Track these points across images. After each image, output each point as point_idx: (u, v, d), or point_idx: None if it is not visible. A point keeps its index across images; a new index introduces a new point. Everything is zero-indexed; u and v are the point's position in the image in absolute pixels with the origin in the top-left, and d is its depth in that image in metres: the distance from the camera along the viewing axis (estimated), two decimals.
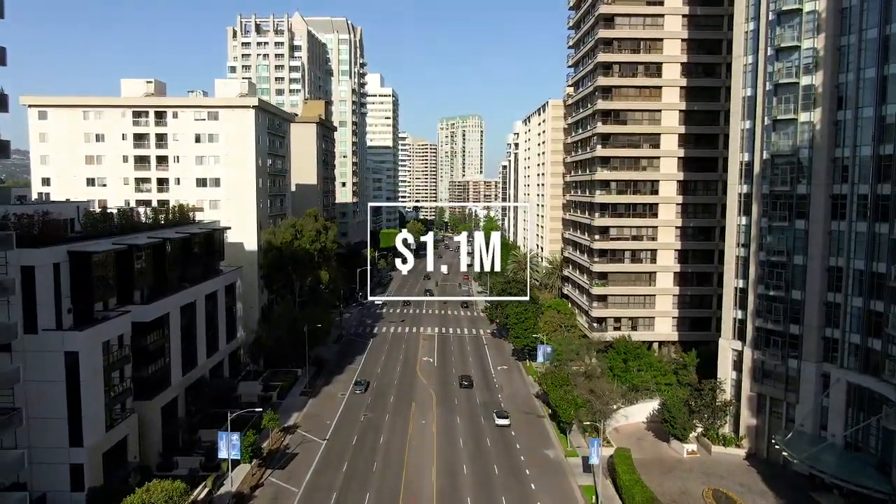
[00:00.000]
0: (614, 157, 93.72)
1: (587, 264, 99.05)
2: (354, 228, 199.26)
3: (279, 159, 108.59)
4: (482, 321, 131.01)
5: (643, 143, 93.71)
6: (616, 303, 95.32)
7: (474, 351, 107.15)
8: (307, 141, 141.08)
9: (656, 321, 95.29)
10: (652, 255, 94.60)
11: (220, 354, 79.85)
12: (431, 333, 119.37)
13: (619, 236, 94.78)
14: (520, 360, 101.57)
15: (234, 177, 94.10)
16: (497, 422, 75.79)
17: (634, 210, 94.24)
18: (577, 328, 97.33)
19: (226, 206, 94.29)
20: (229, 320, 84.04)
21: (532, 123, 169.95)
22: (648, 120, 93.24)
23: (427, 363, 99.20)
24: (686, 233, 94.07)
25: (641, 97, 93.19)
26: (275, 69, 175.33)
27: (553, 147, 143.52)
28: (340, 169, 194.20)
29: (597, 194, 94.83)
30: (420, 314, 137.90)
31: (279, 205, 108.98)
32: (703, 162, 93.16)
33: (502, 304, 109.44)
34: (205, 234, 78.08)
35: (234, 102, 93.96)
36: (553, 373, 76.32)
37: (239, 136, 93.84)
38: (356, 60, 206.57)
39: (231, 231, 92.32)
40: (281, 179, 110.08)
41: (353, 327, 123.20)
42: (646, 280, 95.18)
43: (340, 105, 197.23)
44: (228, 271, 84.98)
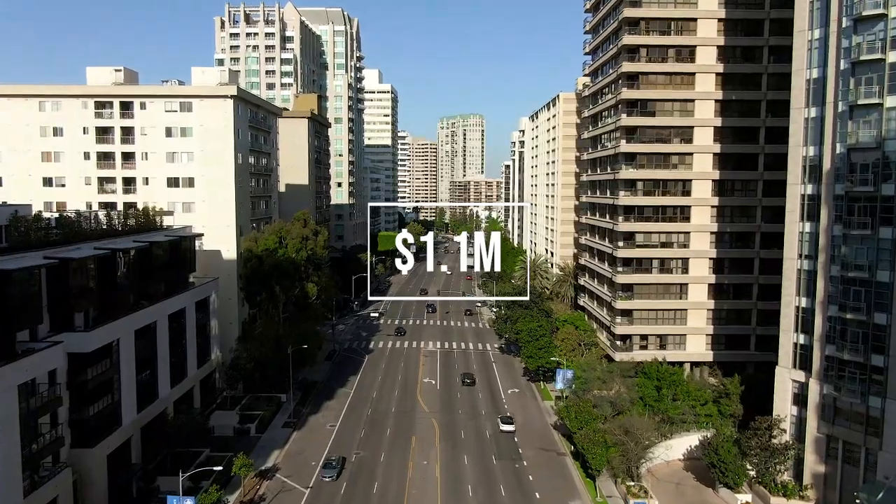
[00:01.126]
0: (641, 154, 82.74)
1: (609, 274, 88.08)
2: (351, 231, 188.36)
3: (263, 156, 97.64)
4: (488, 334, 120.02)
5: (673, 138, 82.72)
6: (643, 318, 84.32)
7: (481, 370, 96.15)
8: (298, 138, 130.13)
9: (688, 339, 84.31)
10: (683, 265, 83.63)
11: (188, 382, 68.93)
12: (433, 349, 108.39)
13: (647, 243, 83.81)
14: (532, 382, 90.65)
15: (211, 176, 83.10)
16: (502, 427, 72.46)
17: (663, 213, 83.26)
18: (597, 346, 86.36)
19: (201, 208, 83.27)
20: (201, 341, 73.18)
21: (540, 119, 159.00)
22: (680, 111, 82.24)
23: (429, 386, 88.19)
24: (722, 239, 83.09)
25: (672, 85, 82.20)
26: (265, 62, 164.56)
27: (565, 144, 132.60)
28: (336, 168, 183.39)
29: (620, 195, 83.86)
30: (421, 325, 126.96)
31: (264, 207, 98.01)
32: (742, 159, 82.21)
33: (512, 318, 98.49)
34: (170, 242, 67.20)
35: (209, 91, 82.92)
36: (577, 405, 65.32)
37: (215, 130, 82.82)
38: (352, 54, 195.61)
39: (207, 237, 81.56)
40: (266, 179, 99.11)
41: (347, 341, 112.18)
42: (676, 293, 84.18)
43: (336, 101, 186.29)
44: (201, 284, 74.15)
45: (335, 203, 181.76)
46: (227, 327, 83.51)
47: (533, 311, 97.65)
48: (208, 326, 75.43)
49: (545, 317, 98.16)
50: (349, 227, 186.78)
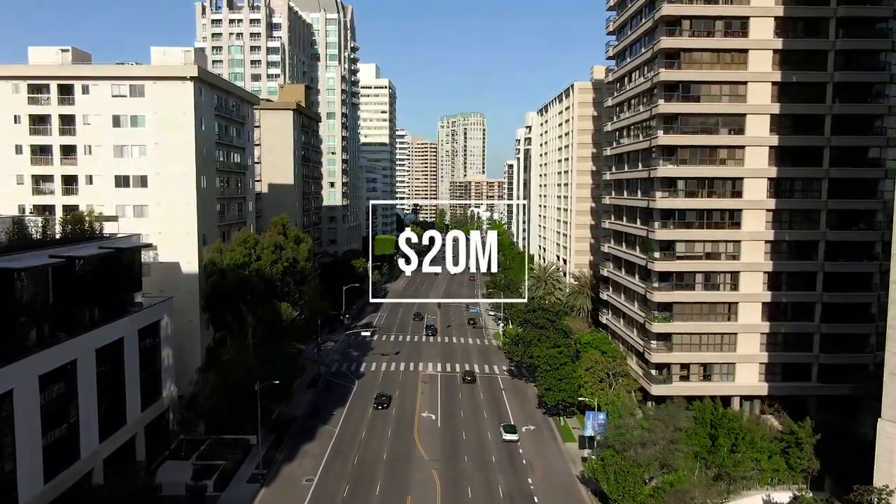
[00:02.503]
0: (682, 147, 69.21)
1: (641, 290, 74.46)
2: (345, 235, 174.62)
3: (235, 151, 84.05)
4: (495, 353, 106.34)
5: (721, 128, 69.19)
6: (684, 344, 70.72)
7: (489, 401, 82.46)
8: (282, 132, 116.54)
9: (738, 369, 70.71)
10: (732, 280, 70.08)
11: (128, 431, 55.29)
12: (433, 372, 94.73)
13: (688, 254, 70.23)
14: (550, 416, 77.04)
15: (167, 173, 69.56)
16: (504, 437, 68.74)
17: (709, 219, 69.71)
18: (629, 377, 72.74)
19: (155, 213, 69.73)
20: (149, 376, 59.59)
21: (550, 113, 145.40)
22: (729, 96, 68.72)
23: (428, 423, 74.52)
24: (779, 249, 69.59)
25: (720, 64, 68.65)
26: (250, 51, 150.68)
27: (580, 139, 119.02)
28: (328, 167, 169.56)
29: (657, 197, 70.30)
30: (419, 342, 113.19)
31: (237, 211, 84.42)
32: (803, 153, 68.75)
33: (525, 339, 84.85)
34: (105, 256, 53.59)
35: (163, 72, 69.28)
36: (616, 464, 51.68)
37: (172, 119, 69.27)
38: (346, 44, 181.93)
39: (163, 247, 68.29)
40: (239, 178, 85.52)
41: (335, 363, 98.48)
42: (724, 313, 70.62)
43: (328, 94, 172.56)
44: (150, 305, 60.61)
45: (328, 204, 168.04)
46: (187, 355, 69.98)
47: (549, 331, 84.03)
48: (159, 357, 61.86)
49: (563, 337, 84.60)
50: (343, 231, 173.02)
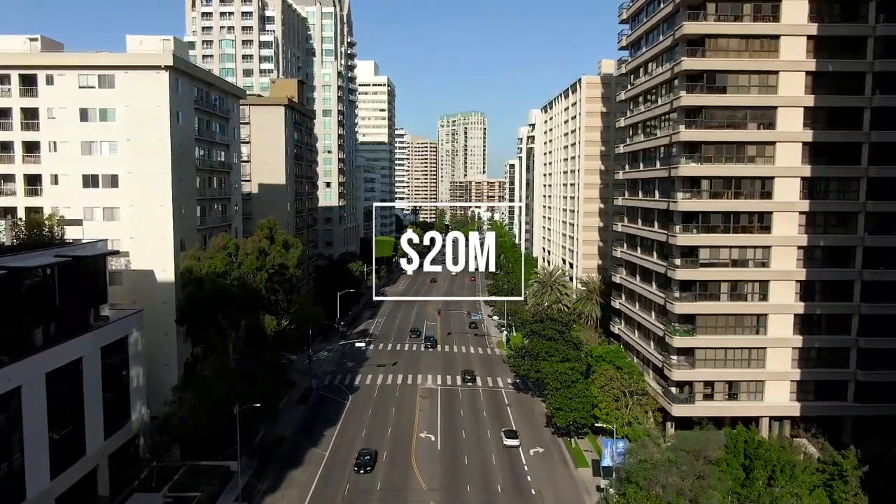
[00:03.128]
0: (706, 143, 62.95)
1: (660, 300, 68.21)
2: (341, 236, 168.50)
3: (219, 149, 77.84)
4: (498, 362, 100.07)
5: (750, 122, 62.97)
6: (708, 359, 64.47)
7: (494, 419, 76.11)
8: (272, 129, 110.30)
9: (767, 387, 64.46)
10: (761, 289, 63.83)
11: (87, 462, 48.99)
12: (433, 385, 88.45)
13: (713, 261, 63.96)
14: (559, 436, 70.86)
15: (140, 172, 63.41)
16: (505, 442, 66.92)
17: (735, 222, 63.44)
18: (647, 396, 66.42)
19: (127, 215, 63.58)
20: (114, 399, 53.36)
21: (555, 109, 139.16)
22: (758, 87, 62.47)
23: (427, 445, 68.26)
24: (812, 256, 63.36)
25: (748, 52, 62.41)
26: (241, 45, 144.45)
27: (588, 136, 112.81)
28: (324, 166, 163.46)
29: (678, 198, 64.05)
30: (418, 352, 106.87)
31: (220, 213, 78.21)
32: (840, 149, 62.56)
33: (532, 352, 78.59)
34: (61, 265, 47.37)
35: (135, 60, 63.05)
36: (640, 502, 45.42)
37: (146, 112, 63.10)
38: (343, 39, 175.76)
39: (136, 254, 62.20)
40: (223, 177, 79.30)
41: (327, 376, 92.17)
42: (752, 326, 64.40)
43: (324, 91, 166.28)
44: (118, 319, 54.38)
45: (324, 205, 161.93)
46: (162, 371, 63.91)
47: (558, 343, 77.79)
48: (127, 376, 55.56)
49: (574, 349, 78.36)
50: (339, 232, 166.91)
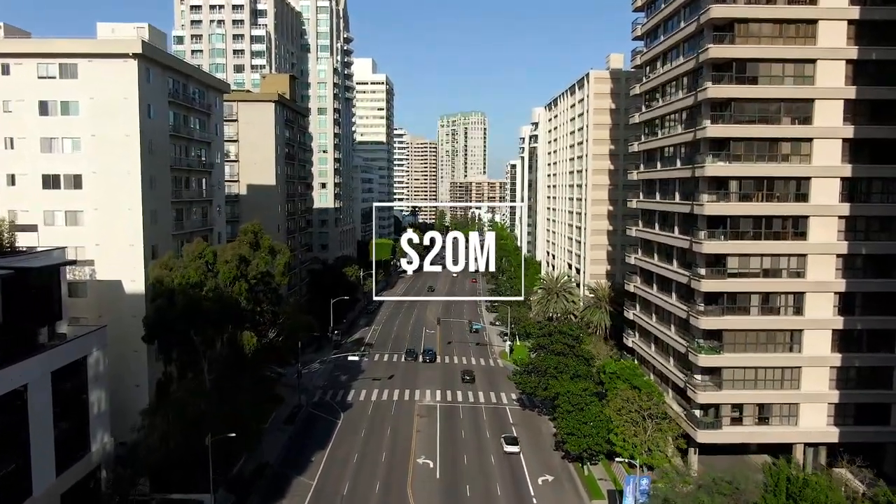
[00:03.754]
0: (735, 139, 56.68)
1: (682, 313, 61.90)
2: (337, 239, 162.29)
3: (199, 147, 71.56)
4: (502, 375, 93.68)
5: (784, 117, 56.73)
6: (736, 379, 58.16)
7: (497, 440, 69.71)
8: (262, 127, 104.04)
9: (801, 410, 58.16)
10: (796, 302, 57.58)
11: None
12: (431, 402, 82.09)
13: (743, 270, 57.68)
14: (569, 461, 64.51)
15: (107, 172, 57.16)
16: (505, 449, 65.23)
17: (768, 227, 57.18)
18: (668, 420, 60.07)
19: (92, 220, 57.31)
20: (69, 429, 46.95)
21: (561, 107, 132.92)
22: (793, 77, 56.22)
23: (424, 472, 61.89)
24: (853, 265, 57.11)
25: (782, 38, 56.17)
26: (232, 39, 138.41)
27: (596, 134, 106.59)
28: (319, 167, 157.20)
29: (703, 200, 57.76)
30: (416, 363, 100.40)
31: (200, 217, 71.90)
32: (885, 147, 56.30)
33: (540, 368, 72.33)
34: (2, 278, 41.09)
35: (100, 48, 56.76)
36: None
37: (112, 105, 56.82)
38: (339, 34, 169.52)
39: (101, 262, 55.96)
40: (204, 178, 73.02)
41: (318, 391, 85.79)
42: (785, 342, 58.12)
43: (319, 88, 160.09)
44: (76, 337, 48.09)
45: (319, 207, 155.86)
46: (131, 393, 57.65)
47: (569, 359, 71.60)
48: (85, 402, 49.11)
49: (584, 364, 72.19)
50: (335, 235, 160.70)
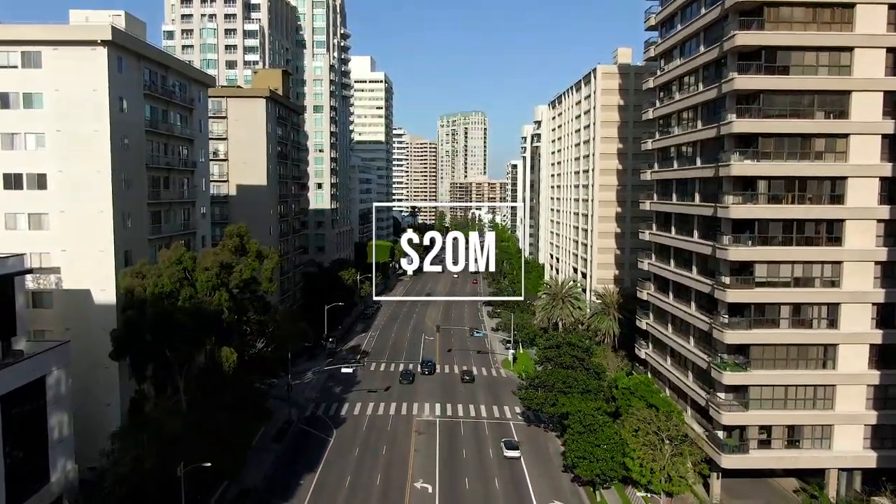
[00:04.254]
0: (764, 135, 51.64)
1: (704, 325, 56.84)
2: (334, 241, 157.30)
3: (179, 144, 66.55)
4: (504, 386, 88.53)
5: (817, 110, 51.72)
6: (764, 398, 53.13)
7: (502, 461, 64.65)
8: (252, 124, 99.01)
9: (836, 432, 53.12)
10: (830, 314, 52.56)
11: None
12: (430, 416, 76.98)
13: (772, 279, 52.64)
14: (580, 484, 59.39)
15: (74, 171, 52.15)
16: (506, 453, 63.95)
17: (799, 231, 52.15)
18: (689, 442, 55.01)
19: (58, 223, 52.28)
20: (27, 457, 41.88)
21: (565, 105, 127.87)
22: (828, 66, 51.23)
23: (423, 498, 56.76)
24: (893, 273, 52.07)
25: (816, 24, 51.18)
26: (224, 34, 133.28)
27: (604, 132, 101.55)
28: (315, 166, 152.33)
29: (728, 202, 52.72)
30: (414, 373, 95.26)
31: (182, 219, 66.88)
32: None
33: (548, 383, 67.30)
34: None
35: (63, 34, 51.74)
36: None
37: (81, 98, 51.83)
38: (336, 30, 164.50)
39: (70, 269, 50.86)
40: (186, 178, 68.02)
41: (310, 404, 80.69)
42: (818, 358, 53.09)
43: (315, 85, 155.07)
44: (32, 355, 43.04)
45: (315, 208, 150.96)
46: (101, 414, 52.63)
47: (577, 372, 66.57)
48: (44, 428, 44.12)
49: (595, 378, 67.19)
50: (331, 237, 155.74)
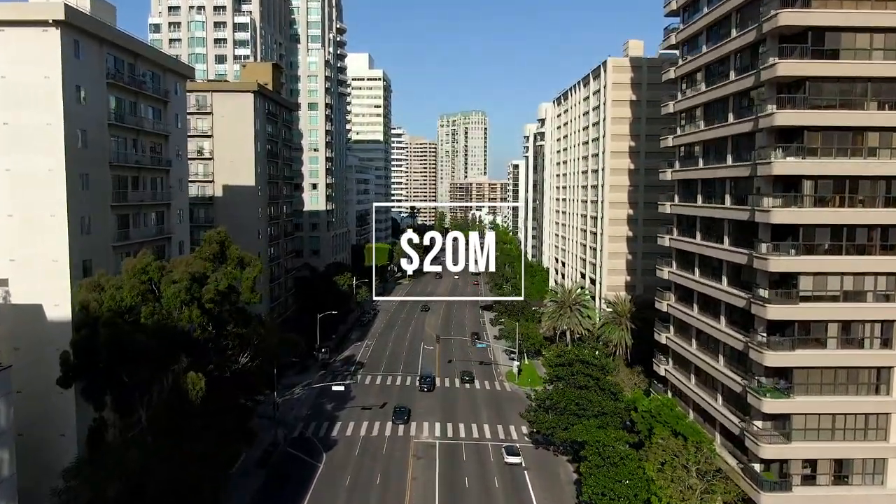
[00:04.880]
0: (811, 129, 45.28)
1: (739, 343, 50.44)
2: (329, 244, 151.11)
3: (151, 140, 60.23)
4: (509, 402, 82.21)
5: (871, 101, 45.39)
6: (809, 428, 46.76)
7: (508, 490, 58.16)
8: (239, 120, 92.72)
9: (890, 467, 46.77)
10: (884, 332, 46.22)
11: None
12: (429, 438, 70.57)
13: (818, 292, 46.27)
14: None
15: (23, 170, 45.89)
16: (507, 459, 61.94)
17: (850, 238, 45.83)
18: (722, 476, 48.65)
19: (6, 229, 45.99)
20: None
21: (571, 101, 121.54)
22: (883, 49, 44.92)
23: None
24: None
25: (869, 2, 44.85)
26: (213, 27, 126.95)
27: (615, 129, 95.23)
28: (310, 166, 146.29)
29: (768, 205, 46.37)
30: (412, 387, 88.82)
31: (153, 223, 60.55)
32: None
33: (559, 405, 60.96)
34: None
35: (10, 13, 45.40)
36: None
37: (31, 87, 45.57)
38: (332, 24, 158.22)
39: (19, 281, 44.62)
40: (160, 178, 61.71)
41: (299, 423, 74.19)
42: (870, 382, 46.72)
43: (309, 81, 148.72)
44: None
45: (310, 209, 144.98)
46: (57, 445, 46.29)
47: (592, 392, 60.23)
48: None
49: (611, 398, 60.85)
50: (326, 240, 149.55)
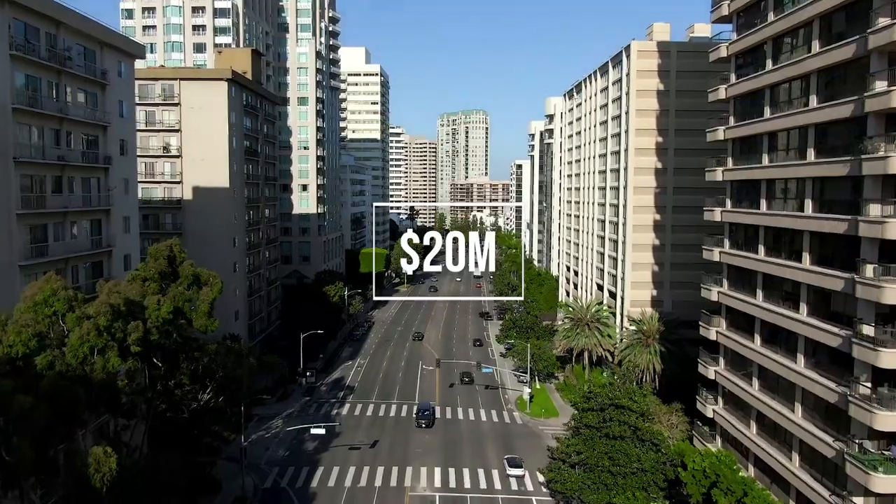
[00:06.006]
0: None
1: (832, 396, 38.82)
2: (320, 250, 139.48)
3: (82, 130, 48.77)
4: (521, 438, 70.50)
5: None
6: None
7: None
8: (212, 113, 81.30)
9: None
10: None
11: None
12: (427, 492, 58.20)
13: None
14: None
15: None
16: (509, 472, 58.12)
17: None
18: None
19: None
20: None
21: (586, 94, 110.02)
22: None
23: None
24: None
25: None
26: (191, 13, 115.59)
27: (639, 123, 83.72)
28: (299, 165, 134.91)
29: (877, 215, 34.89)
30: (408, 420, 77.01)
31: (85, 235, 49.05)
32: None
33: (587, 463, 49.47)
34: None
35: None
36: None
37: None
38: (323, 13, 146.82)
39: None
40: (97, 178, 50.24)
41: (274, 468, 62.30)
42: None
43: (299, 74, 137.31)
44: None
45: (299, 212, 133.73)
46: None
47: (628, 443, 48.76)
48: None
49: (653, 450, 49.38)
50: (317, 245, 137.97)
